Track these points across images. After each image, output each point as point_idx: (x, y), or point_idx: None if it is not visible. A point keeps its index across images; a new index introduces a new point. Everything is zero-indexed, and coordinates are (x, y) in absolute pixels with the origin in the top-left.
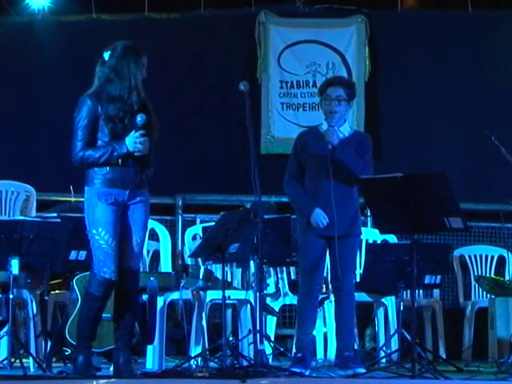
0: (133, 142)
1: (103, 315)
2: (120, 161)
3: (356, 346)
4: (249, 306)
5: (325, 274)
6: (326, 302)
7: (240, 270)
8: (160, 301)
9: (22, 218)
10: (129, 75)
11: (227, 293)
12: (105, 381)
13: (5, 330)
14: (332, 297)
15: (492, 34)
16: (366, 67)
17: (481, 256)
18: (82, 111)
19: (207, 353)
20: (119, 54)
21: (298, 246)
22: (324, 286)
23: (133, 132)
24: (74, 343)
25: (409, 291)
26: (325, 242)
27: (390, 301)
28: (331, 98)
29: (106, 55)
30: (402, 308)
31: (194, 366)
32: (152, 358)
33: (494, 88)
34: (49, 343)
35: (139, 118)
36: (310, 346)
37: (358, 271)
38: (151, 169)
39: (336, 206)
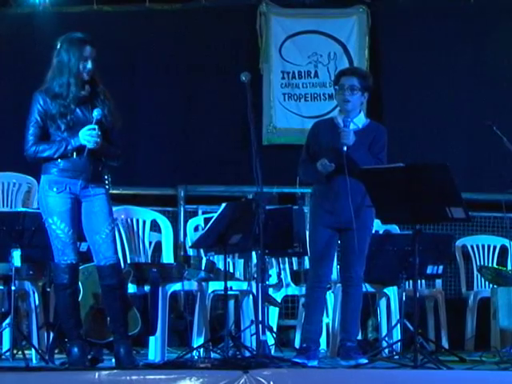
0: (85, 134)
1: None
2: (75, 153)
3: (358, 337)
4: (251, 296)
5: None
6: (328, 292)
7: (242, 260)
8: (162, 292)
9: (23, 209)
10: (69, 70)
11: (229, 284)
12: (107, 372)
13: (7, 321)
14: (335, 288)
15: (495, 24)
16: (368, 57)
17: (483, 246)
18: (33, 107)
19: (209, 344)
20: (61, 49)
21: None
22: None
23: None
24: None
25: (411, 281)
26: (334, 233)
27: (392, 291)
28: (344, 88)
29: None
30: (404, 298)
31: (196, 357)
32: (154, 349)
33: (496, 77)
34: (51, 335)
35: (95, 113)
36: (316, 336)
37: None
38: (115, 159)
39: (346, 199)
